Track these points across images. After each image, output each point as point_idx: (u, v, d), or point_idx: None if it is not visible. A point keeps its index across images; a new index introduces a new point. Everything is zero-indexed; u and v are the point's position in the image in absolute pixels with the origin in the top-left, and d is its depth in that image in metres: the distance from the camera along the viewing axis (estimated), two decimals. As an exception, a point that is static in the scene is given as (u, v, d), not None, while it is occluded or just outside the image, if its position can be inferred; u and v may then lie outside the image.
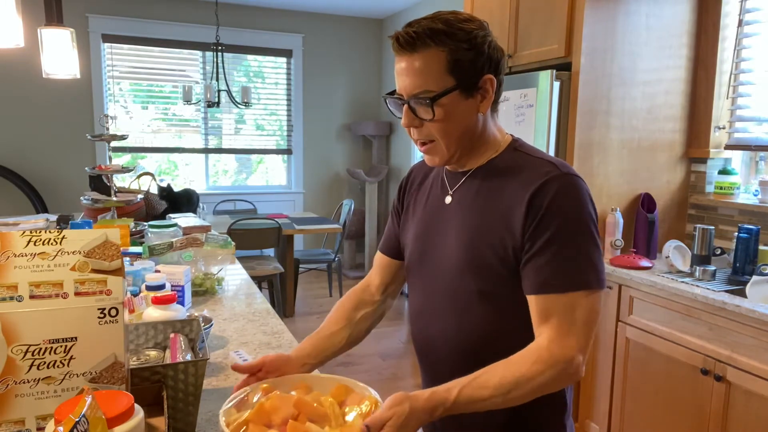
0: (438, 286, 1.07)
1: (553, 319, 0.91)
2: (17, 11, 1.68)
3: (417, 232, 1.13)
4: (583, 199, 0.94)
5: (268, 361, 1.03)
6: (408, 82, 0.96)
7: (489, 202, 1.01)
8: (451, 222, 1.06)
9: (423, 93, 0.96)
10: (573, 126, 2.47)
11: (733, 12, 2.58)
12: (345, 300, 1.23)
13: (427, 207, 1.13)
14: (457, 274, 1.02)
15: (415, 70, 0.95)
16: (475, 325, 1.01)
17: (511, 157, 1.03)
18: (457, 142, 1.01)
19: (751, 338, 1.86)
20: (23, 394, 0.83)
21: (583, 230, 0.93)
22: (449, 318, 1.05)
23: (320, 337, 1.15)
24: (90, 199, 2.49)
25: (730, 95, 2.63)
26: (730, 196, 2.53)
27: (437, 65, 0.95)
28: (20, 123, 4.81)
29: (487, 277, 0.99)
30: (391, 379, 3.45)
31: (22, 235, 0.84)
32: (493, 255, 0.97)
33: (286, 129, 5.83)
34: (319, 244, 6.03)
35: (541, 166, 0.97)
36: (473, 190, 1.04)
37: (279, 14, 5.58)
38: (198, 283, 1.87)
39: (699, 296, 2.01)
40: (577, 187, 0.94)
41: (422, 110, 0.97)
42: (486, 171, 1.04)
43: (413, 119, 0.99)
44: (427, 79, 0.95)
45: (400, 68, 0.98)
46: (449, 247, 1.05)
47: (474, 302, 1.01)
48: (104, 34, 4.99)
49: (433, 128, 0.99)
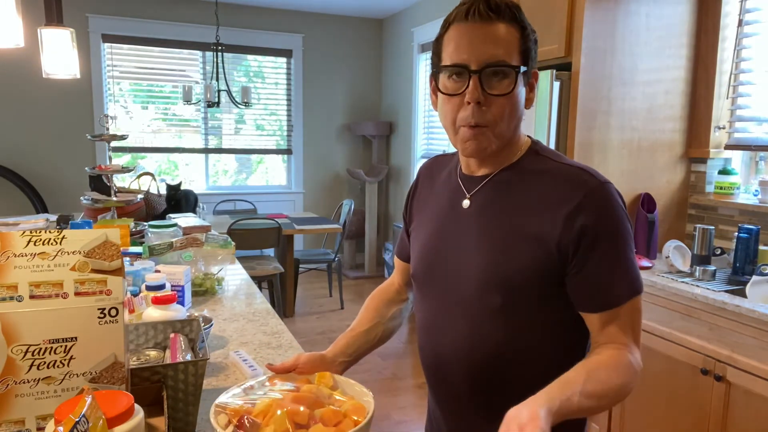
0: (451, 299, 1.01)
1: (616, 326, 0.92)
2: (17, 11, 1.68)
3: (426, 240, 1.07)
4: (623, 209, 0.93)
5: (302, 361, 1.00)
6: (487, 49, 0.90)
7: (516, 211, 0.95)
8: (470, 230, 0.99)
9: (504, 64, 0.90)
10: (573, 126, 2.47)
11: (733, 12, 2.58)
12: (375, 298, 1.22)
13: (439, 213, 1.06)
14: (478, 289, 0.96)
15: (498, 39, 0.90)
16: (493, 341, 0.96)
17: (534, 161, 0.98)
18: (508, 131, 0.95)
19: (751, 338, 1.86)
20: (23, 394, 0.83)
21: (627, 240, 0.93)
22: (462, 334, 0.99)
23: (354, 335, 1.13)
24: (90, 199, 2.49)
25: (730, 95, 2.63)
26: (730, 196, 2.53)
27: (515, 41, 0.92)
28: (20, 123, 4.81)
29: (512, 293, 0.94)
30: (391, 379, 3.45)
31: (22, 235, 0.84)
32: (522, 272, 0.93)
33: (286, 129, 5.83)
34: (319, 244, 6.03)
35: (575, 176, 0.93)
36: (496, 196, 0.98)
37: (279, 14, 5.58)
38: (198, 283, 1.87)
39: (699, 296, 2.01)
40: (614, 197, 0.93)
41: (497, 84, 0.91)
42: (510, 176, 0.98)
43: (482, 94, 0.91)
44: (507, 50, 0.91)
45: (473, 36, 0.91)
46: (468, 259, 0.98)
47: (493, 318, 0.96)
48: (104, 34, 4.99)
49: (499, 108, 0.92)
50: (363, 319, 1.17)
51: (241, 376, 1.25)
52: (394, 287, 1.24)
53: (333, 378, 0.98)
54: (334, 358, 1.07)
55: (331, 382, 0.97)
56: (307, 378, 0.99)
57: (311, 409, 0.84)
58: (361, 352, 1.12)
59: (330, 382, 0.97)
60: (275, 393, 0.89)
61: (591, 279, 0.91)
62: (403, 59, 5.60)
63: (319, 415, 0.83)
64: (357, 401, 0.89)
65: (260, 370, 1.24)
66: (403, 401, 3.17)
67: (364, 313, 1.18)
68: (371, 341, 1.14)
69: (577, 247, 0.90)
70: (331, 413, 0.83)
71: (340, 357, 1.08)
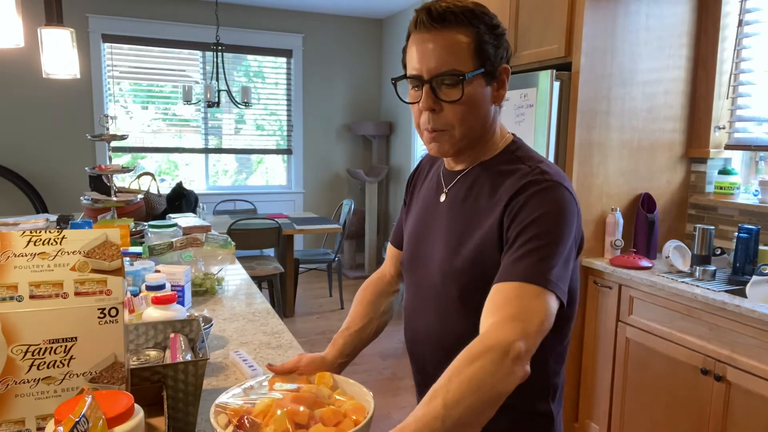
0: (425, 286, 1.06)
1: (500, 307, 0.84)
2: (17, 11, 1.68)
3: (412, 228, 1.13)
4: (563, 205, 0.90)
5: (303, 364, 1.02)
6: (434, 60, 0.92)
7: (475, 207, 0.99)
8: (441, 222, 1.05)
9: (451, 72, 0.92)
10: (573, 126, 2.47)
11: (733, 12, 2.58)
12: (365, 292, 1.23)
13: (424, 204, 1.12)
14: (440, 278, 1.01)
15: (444, 48, 0.92)
16: (457, 327, 1.00)
17: (505, 160, 1.00)
18: (471, 131, 0.97)
19: (751, 338, 1.86)
20: (23, 394, 0.83)
21: (554, 232, 0.88)
22: (433, 319, 1.05)
23: (350, 334, 1.15)
24: (90, 199, 2.49)
25: (730, 95, 2.63)
26: (730, 196, 2.53)
27: (465, 45, 0.92)
28: (20, 123, 4.81)
29: (466, 283, 0.97)
30: (390, 379, 3.45)
31: (22, 235, 0.84)
32: (471, 263, 0.96)
33: (286, 129, 5.83)
34: (319, 244, 6.03)
35: (527, 171, 0.95)
36: (463, 191, 1.03)
37: (279, 14, 5.58)
38: (198, 283, 1.87)
39: (699, 296, 2.01)
40: (560, 193, 0.91)
41: (447, 91, 0.94)
42: (478, 172, 1.02)
43: (434, 102, 0.94)
44: (456, 58, 0.92)
45: (424, 47, 0.93)
46: (435, 249, 1.04)
47: (454, 307, 1.00)
48: (104, 34, 4.99)
49: (453, 113, 0.95)
50: (356, 315, 1.18)
51: (241, 376, 1.25)
52: (386, 278, 1.25)
53: (333, 378, 0.98)
54: (334, 360, 1.09)
55: (331, 382, 0.97)
56: (307, 378, 0.99)
57: (311, 409, 0.84)
58: (358, 350, 1.15)
59: (330, 382, 0.97)
60: (275, 393, 0.89)
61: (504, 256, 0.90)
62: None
63: (319, 415, 0.83)
64: (357, 401, 0.89)
65: (260, 370, 1.24)
66: (403, 401, 3.17)
67: (357, 308, 1.20)
68: (365, 338, 1.17)
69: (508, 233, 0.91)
70: (331, 413, 0.83)
71: (339, 358, 1.11)
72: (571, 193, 0.93)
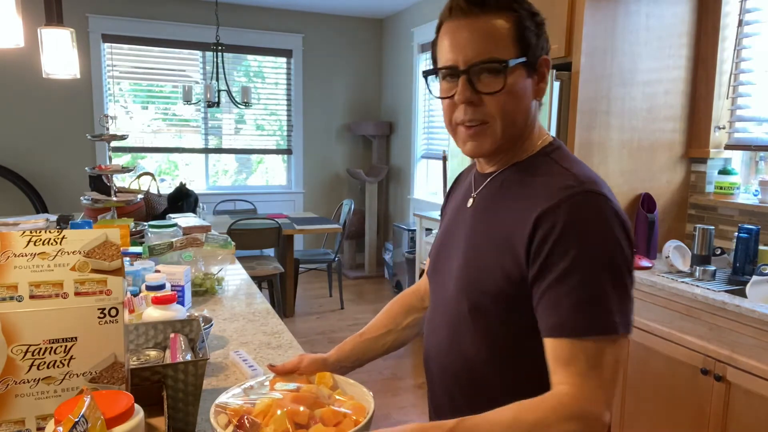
0: (441, 298, 1.00)
1: (574, 367, 0.76)
2: (17, 11, 1.68)
3: (438, 238, 1.06)
4: (607, 223, 0.79)
5: (304, 365, 0.99)
6: (472, 48, 0.84)
7: (502, 213, 0.90)
8: (464, 229, 0.97)
9: (491, 60, 0.84)
10: (573, 126, 2.47)
11: (733, 12, 2.58)
12: (395, 303, 1.18)
13: (453, 212, 1.04)
14: (454, 289, 0.94)
15: (483, 34, 0.84)
16: (464, 347, 0.93)
17: (540, 162, 0.90)
18: (512, 127, 0.88)
19: (751, 338, 1.86)
20: (23, 394, 0.83)
21: (606, 262, 0.78)
22: (444, 335, 0.97)
23: (363, 340, 1.10)
24: (90, 199, 2.49)
25: (730, 95, 2.63)
26: (730, 196, 2.53)
27: (506, 32, 0.85)
28: (20, 123, 4.81)
29: (479, 298, 0.89)
30: (391, 379, 3.45)
31: (22, 235, 0.84)
32: (490, 272, 0.87)
33: (286, 129, 5.83)
34: (319, 244, 6.03)
35: (562, 181, 0.83)
36: (491, 196, 0.94)
37: (279, 14, 5.58)
38: (198, 283, 1.87)
39: (699, 296, 2.01)
40: (599, 207, 0.80)
41: (487, 81, 0.85)
42: (508, 174, 0.93)
43: (472, 93, 0.85)
44: (496, 45, 0.84)
45: (458, 34, 0.85)
46: (454, 260, 0.96)
47: (464, 323, 0.92)
48: (104, 34, 4.99)
49: (495, 105, 0.85)
50: (376, 325, 1.14)
51: (241, 376, 1.25)
52: (419, 293, 1.18)
53: (333, 378, 0.98)
54: (337, 363, 1.05)
55: (331, 382, 0.97)
56: (307, 378, 0.99)
57: (311, 409, 0.84)
58: (367, 358, 1.10)
59: (330, 382, 0.97)
60: (275, 393, 0.89)
61: (549, 297, 0.79)
62: (403, 59, 5.59)
63: (319, 415, 0.83)
64: (357, 401, 0.89)
65: (260, 370, 1.24)
66: (403, 401, 3.17)
67: (380, 318, 1.15)
68: (378, 349, 1.11)
69: (538, 256, 0.80)
70: (331, 413, 0.83)
71: (342, 362, 1.06)
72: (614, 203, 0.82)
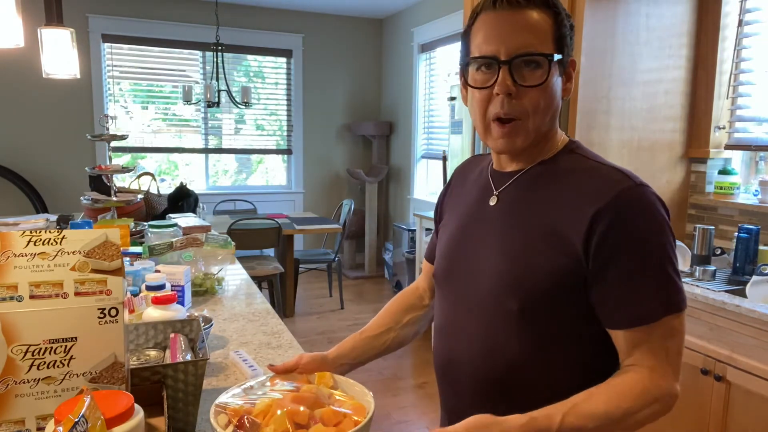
0: (470, 301, 0.95)
1: (646, 347, 0.83)
2: (17, 11, 1.68)
3: (448, 239, 1.03)
4: (661, 215, 0.84)
5: (304, 362, 0.99)
6: (515, 39, 0.86)
7: (542, 208, 0.90)
8: (494, 228, 0.94)
9: (535, 53, 0.86)
10: (573, 126, 2.47)
11: (733, 12, 2.58)
12: (394, 302, 1.19)
13: (464, 213, 1.02)
14: (495, 292, 0.91)
15: (527, 27, 0.86)
16: (508, 350, 0.90)
17: (568, 159, 0.93)
18: (542, 124, 0.90)
19: (751, 338, 1.86)
20: (23, 394, 0.83)
21: (667, 252, 0.84)
22: (478, 339, 0.93)
23: (363, 338, 1.11)
24: (90, 199, 2.49)
25: (730, 95, 2.63)
26: (730, 196, 2.53)
27: (548, 28, 0.87)
28: (20, 123, 4.81)
29: (530, 299, 0.87)
30: (391, 379, 3.45)
31: (22, 235, 0.84)
32: (541, 275, 0.86)
33: (286, 129, 5.83)
34: (319, 244, 6.03)
35: (608, 175, 0.86)
36: (524, 193, 0.93)
37: (279, 14, 5.58)
38: (198, 283, 1.87)
39: (699, 296, 2.01)
40: (652, 201, 0.84)
41: (528, 74, 0.86)
42: (539, 173, 0.93)
43: (513, 85, 0.86)
44: (539, 39, 0.86)
45: (501, 26, 0.86)
46: (487, 259, 0.93)
47: (508, 325, 0.89)
48: (104, 34, 4.99)
49: (532, 99, 0.87)
50: (376, 323, 1.14)
51: (241, 376, 1.25)
52: (418, 292, 1.19)
53: (333, 378, 0.98)
54: (336, 360, 1.05)
55: (331, 382, 0.97)
56: (307, 378, 0.99)
57: (311, 409, 0.84)
58: (367, 357, 1.10)
59: (330, 382, 0.97)
60: (275, 393, 0.89)
61: (616, 290, 0.83)
62: (403, 59, 5.60)
63: (319, 415, 0.83)
64: (357, 401, 0.89)
65: (260, 370, 1.24)
66: (403, 401, 3.17)
67: (380, 316, 1.16)
68: (379, 347, 1.11)
69: (600, 252, 0.83)
70: (331, 413, 0.83)
71: (342, 359, 1.06)
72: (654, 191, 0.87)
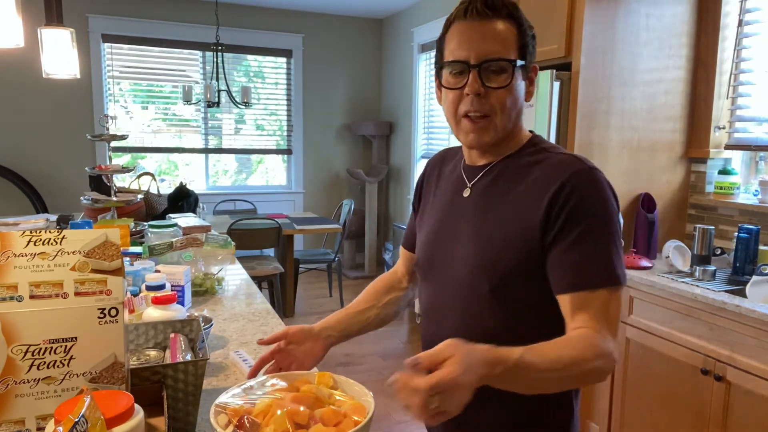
0: (450, 284, 1.05)
1: (589, 313, 0.90)
2: (17, 11, 1.68)
3: (429, 230, 1.12)
4: (607, 194, 0.95)
5: (291, 332, 1.07)
6: (484, 46, 0.97)
7: (507, 197, 1.00)
8: (467, 216, 1.05)
9: (501, 59, 0.97)
10: (573, 126, 2.47)
11: (733, 12, 2.58)
12: (375, 283, 1.28)
13: (441, 204, 1.12)
14: (469, 275, 1.01)
15: (495, 35, 0.97)
16: (485, 327, 0.99)
17: (531, 152, 1.04)
18: (508, 122, 1.00)
19: (751, 338, 1.86)
20: (23, 394, 0.83)
21: (610, 227, 0.93)
22: (458, 318, 1.03)
23: (347, 314, 1.19)
24: (90, 199, 2.49)
25: (730, 95, 2.63)
26: (730, 196, 2.53)
27: (512, 37, 0.98)
28: (20, 123, 4.81)
29: (499, 278, 0.97)
30: (391, 379, 3.45)
31: (22, 235, 0.84)
32: (508, 252, 0.96)
33: (286, 129, 5.83)
34: (319, 244, 6.03)
35: (564, 161, 0.98)
36: (492, 184, 1.04)
37: (279, 14, 5.58)
38: (198, 283, 1.87)
39: (699, 296, 2.01)
40: (600, 181, 0.95)
41: (494, 77, 0.97)
42: (506, 165, 1.04)
43: (481, 86, 0.97)
44: (503, 46, 0.97)
45: (471, 33, 0.97)
46: (462, 246, 1.03)
47: (483, 304, 0.99)
48: (104, 34, 4.99)
49: (498, 99, 0.98)
50: (359, 300, 1.23)
51: (241, 376, 1.25)
52: (397, 276, 1.28)
53: (333, 378, 0.98)
54: (322, 332, 1.13)
55: (331, 382, 0.97)
56: (307, 378, 0.99)
57: (311, 409, 0.84)
58: (352, 331, 1.18)
59: (330, 382, 0.97)
60: (275, 393, 0.89)
61: (564, 259, 0.92)
62: (403, 59, 5.60)
63: (319, 415, 0.83)
64: (357, 401, 0.89)
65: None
66: (403, 401, 3.17)
67: (362, 296, 1.25)
68: (363, 322, 1.20)
69: (554, 226, 0.93)
70: (331, 413, 0.83)
71: (328, 331, 1.14)
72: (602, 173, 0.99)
